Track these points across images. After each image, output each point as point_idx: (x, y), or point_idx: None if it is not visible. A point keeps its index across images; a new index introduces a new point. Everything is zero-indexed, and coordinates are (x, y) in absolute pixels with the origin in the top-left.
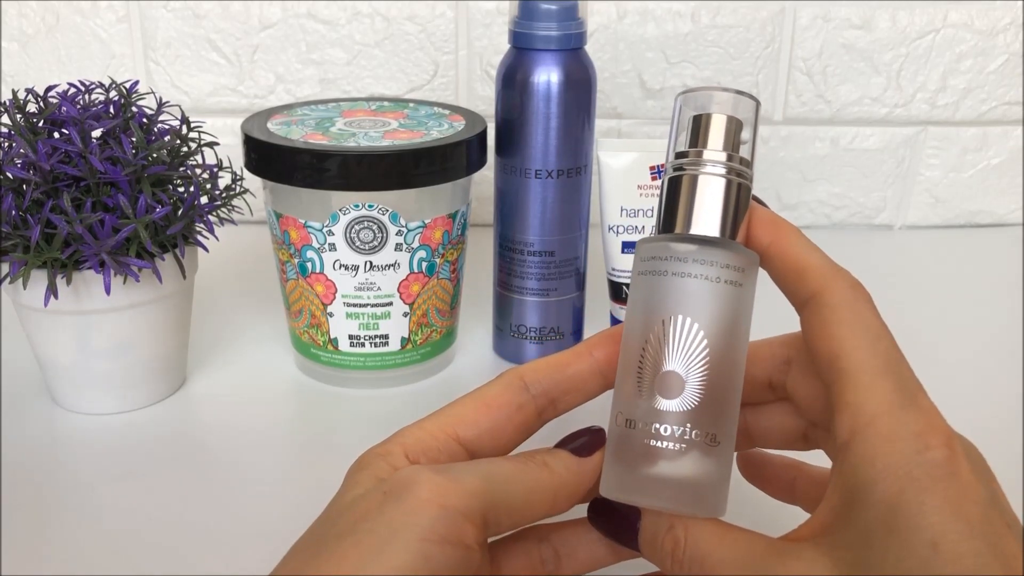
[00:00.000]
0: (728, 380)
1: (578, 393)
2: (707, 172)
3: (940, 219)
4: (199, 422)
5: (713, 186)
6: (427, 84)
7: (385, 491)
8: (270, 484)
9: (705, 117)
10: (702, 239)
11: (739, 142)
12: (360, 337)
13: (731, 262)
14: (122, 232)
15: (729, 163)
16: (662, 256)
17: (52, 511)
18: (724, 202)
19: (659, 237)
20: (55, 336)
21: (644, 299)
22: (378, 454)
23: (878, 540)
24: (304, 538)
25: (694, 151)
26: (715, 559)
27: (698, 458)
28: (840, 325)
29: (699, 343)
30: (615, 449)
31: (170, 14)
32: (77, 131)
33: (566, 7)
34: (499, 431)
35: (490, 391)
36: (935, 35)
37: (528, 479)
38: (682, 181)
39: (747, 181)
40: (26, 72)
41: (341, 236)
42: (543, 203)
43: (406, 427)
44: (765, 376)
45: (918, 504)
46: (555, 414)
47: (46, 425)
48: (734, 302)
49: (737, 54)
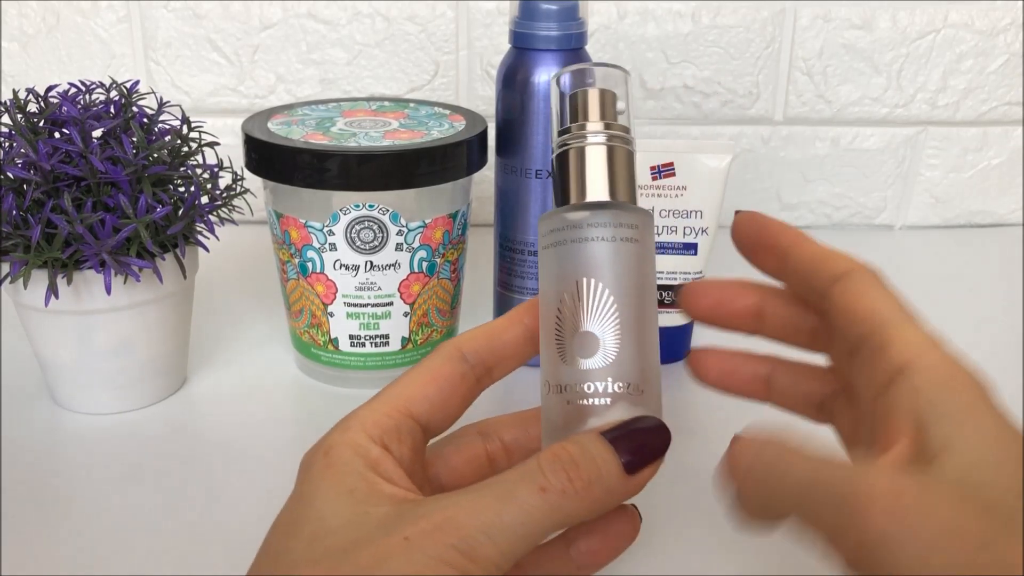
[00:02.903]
0: (642, 330)
1: (512, 359)
2: (589, 143)
3: (940, 219)
4: (199, 422)
5: (596, 153)
6: (427, 84)
7: (407, 537)
8: (270, 484)
9: (580, 94)
10: (594, 204)
11: (616, 111)
12: (360, 337)
13: (623, 220)
14: (123, 232)
15: (608, 131)
16: (559, 227)
17: (52, 511)
18: (608, 167)
19: (555, 211)
20: (56, 336)
21: (550, 270)
22: (345, 444)
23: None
24: (292, 541)
25: (575, 125)
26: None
27: (626, 408)
28: (875, 289)
29: (607, 300)
30: (549, 416)
31: (170, 14)
32: (78, 131)
33: (566, 7)
34: (447, 402)
35: (432, 364)
36: (935, 35)
37: (559, 518)
38: (568, 155)
39: (629, 146)
40: (26, 72)
41: (342, 236)
42: (543, 203)
43: (358, 409)
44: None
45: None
46: (492, 381)
47: (46, 425)
48: (633, 257)
49: (737, 54)
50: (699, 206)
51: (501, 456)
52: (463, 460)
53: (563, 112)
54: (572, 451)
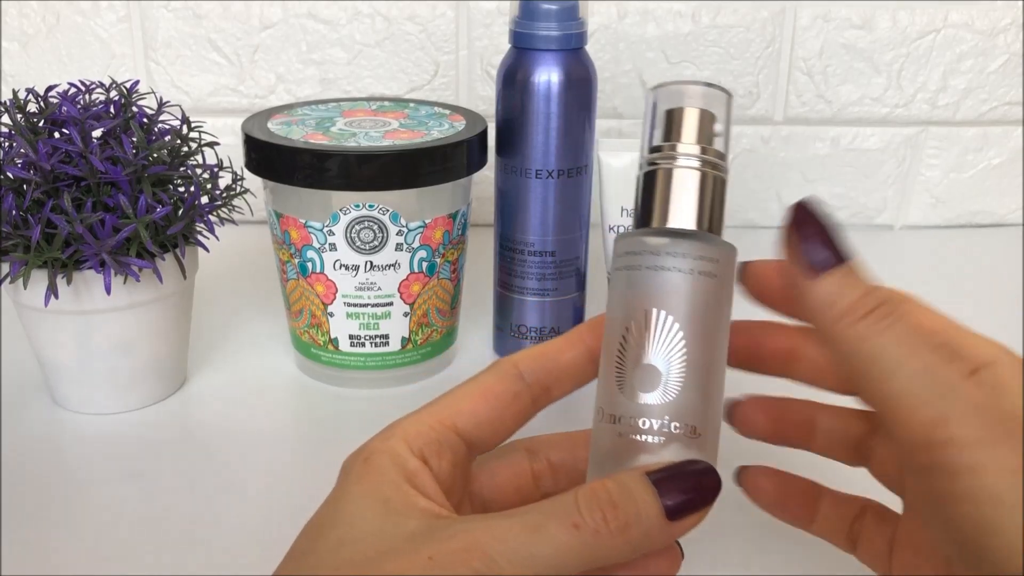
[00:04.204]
0: (708, 372)
1: (571, 380)
2: (680, 165)
3: (940, 219)
4: (199, 422)
5: (686, 179)
6: (427, 84)
7: (431, 556)
8: (270, 484)
9: (677, 111)
10: (675, 232)
11: (713, 135)
12: (360, 337)
13: (705, 253)
14: (123, 232)
15: (703, 156)
16: (636, 251)
17: (52, 511)
18: (698, 194)
19: (634, 232)
20: (55, 336)
21: (621, 294)
22: (384, 452)
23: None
24: (320, 542)
25: (667, 145)
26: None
27: (679, 450)
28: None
29: (675, 335)
30: (599, 444)
31: (170, 14)
32: (78, 131)
33: (566, 7)
34: (497, 420)
35: (485, 380)
36: (935, 35)
37: (590, 555)
38: (656, 175)
39: (721, 173)
40: (26, 72)
41: (341, 236)
42: (543, 203)
43: (404, 418)
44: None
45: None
46: (548, 401)
47: (46, 425)
48: (710, 293)
49: (737, 54)
50: None
51: (547, 475)
52: (508, 476)
53: (656, 126)
54: (612, 490)
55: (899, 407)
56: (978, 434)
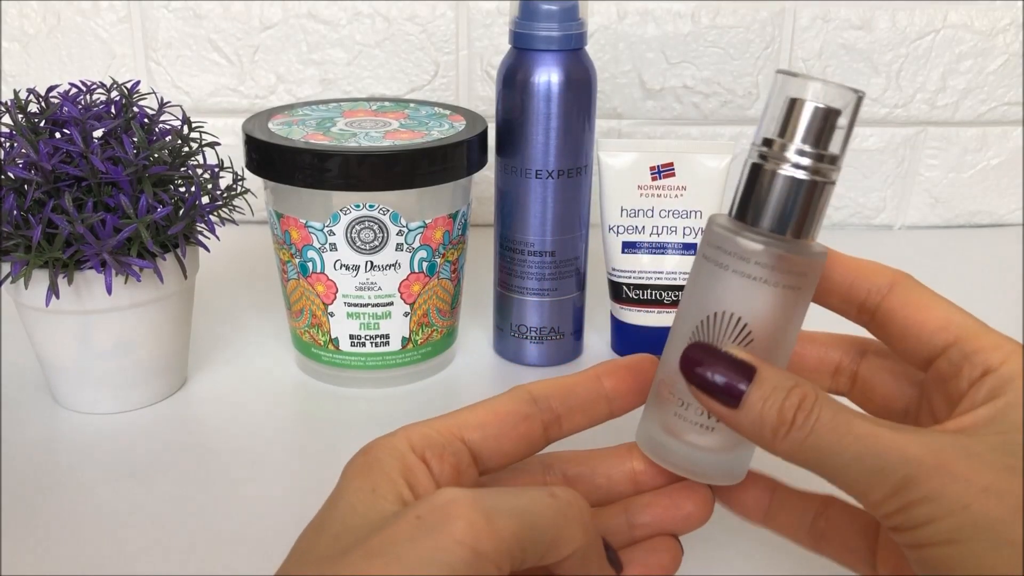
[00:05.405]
0: None
1: (583, 416)
2: (788, 170)
3: (940, 219)
4: (199, 422)
5: (791, 186)
6: (428, 84)
7: (419, 515)
8: (270, 484)
9: (799, 104)
10: (770, 239)
11: (830, 137)
12: (361, 337)
13: (793, 267)
14: (123, 232)
15: (815, 161)
16: (727, 249)
17: (52, 511)
18: (802, 202)
19: (730, 226)
20: (56, 336)
21: (703, 285)
22: (385, 447)
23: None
24: (317, 539)
25: (781, 142)
26: (856, 427)
27: (726, 436)
28: (929, 296)
29: (746, 339)
30: (652, 411)
31: (171, 14)
32: (78, 131)
33: (566, 7)
34: (503, 437)
35: (496, 400)
36: (935, 35)
37: (563, 525)
38: (762, 172)
39: (830, 180)
40: (27, 72)
41: (342, 236)
42: (543, 203)
43: (414, 423)
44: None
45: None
46: (560, 434)
47: (47, 425)
48: (786, 306)
49: (737, 55)
50: (699, 206)
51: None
52: (518, 485)
53: (776, 114)
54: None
55: (855, 492)
56: (925, 490)
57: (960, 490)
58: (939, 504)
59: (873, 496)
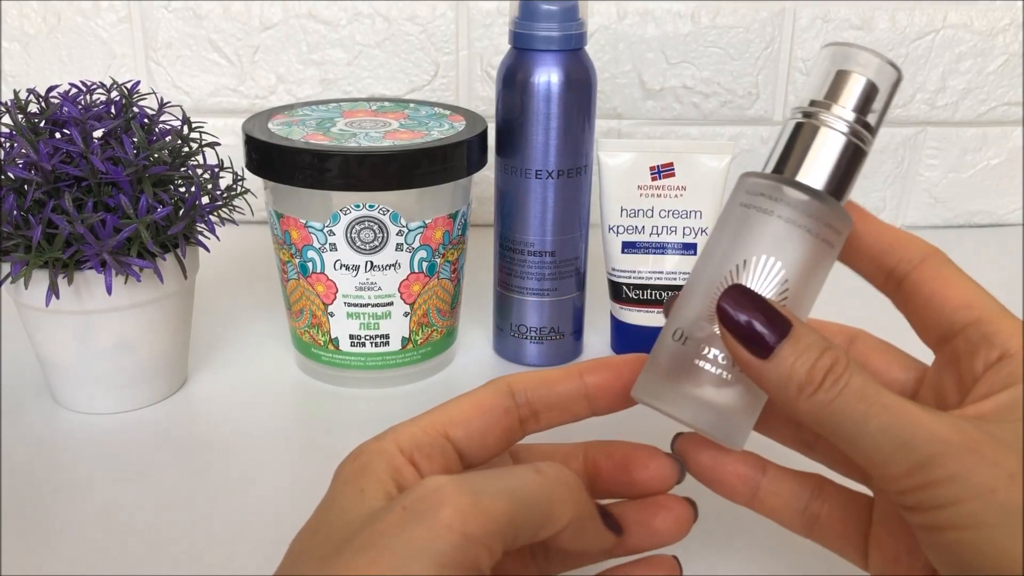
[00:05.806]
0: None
1: (560, 412)
2: (832, 127)
3: (940, 219)
4: (199, 422)
5: (833, 141)
6: (427, 84)
7: (405, 506)
8: (270, 484)
9: (844, 73)
10: (812, 191)
11: (870, 107)
12: (361, 337)
13: (832, 222)
14: (123, 232)
15: (855, 124)
16: (772, 196)
17: (52, 511)
18: (839, 160)
19: (772, 176)
20: (56, 336)
21: (738, 230)
22: (374, 451)
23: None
24: (310, 541)
25: (824, 103)
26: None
27: (740, 392)
28: (959, 275)
29: (780, 288)
30: (660, 359)
31: (171, 15)
32: (78, 131)
33: (566, 8)
34: (487, 432)
35: (478, 394)
36: (935, 36)
37: (553, 499)
38: (804, 128)
39: (865, 146)
40: (27, 72)
41: (342, 236)
42: (543, 203)
43: (398, 424)
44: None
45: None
46: (537, 427)
47: (47, 425)
48: (824, 258)
49: (737, 55)
50: (699, 206)
51: None
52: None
53: (823, 81)
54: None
55: (873, 464)
56: (951, 470)
57: (989, 473)
58: (965, 485)
59: (893, 470)
